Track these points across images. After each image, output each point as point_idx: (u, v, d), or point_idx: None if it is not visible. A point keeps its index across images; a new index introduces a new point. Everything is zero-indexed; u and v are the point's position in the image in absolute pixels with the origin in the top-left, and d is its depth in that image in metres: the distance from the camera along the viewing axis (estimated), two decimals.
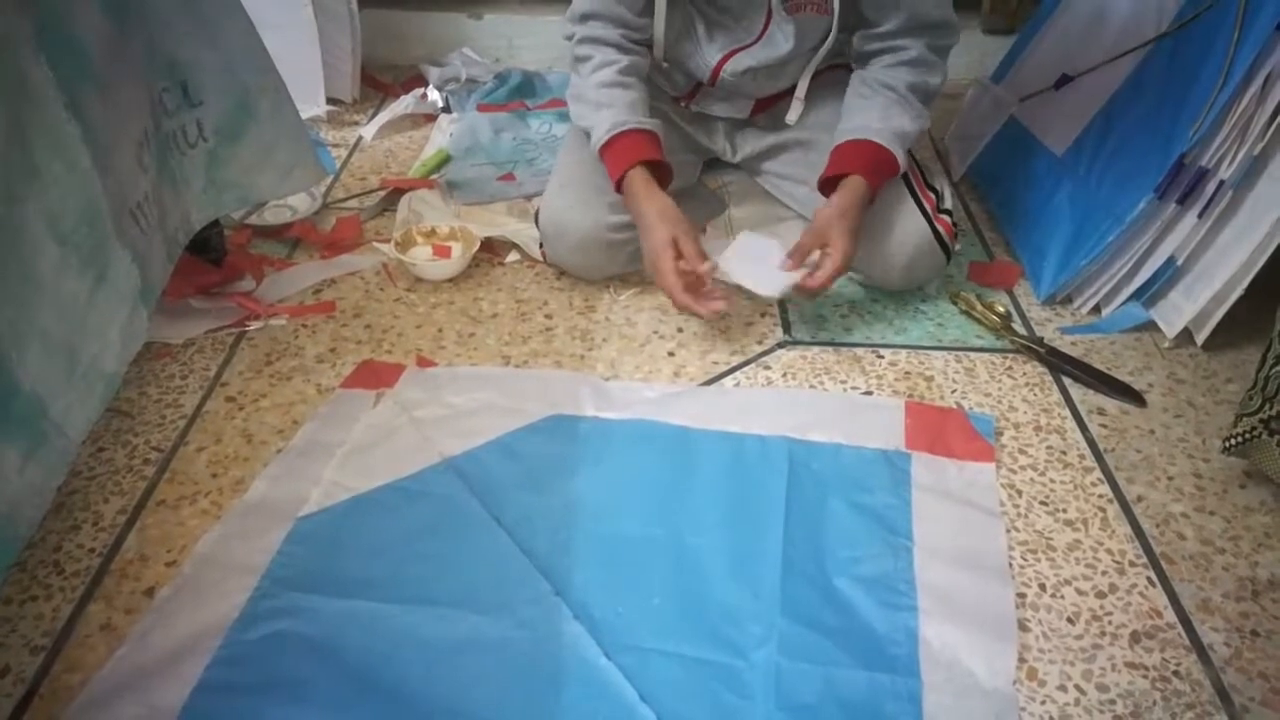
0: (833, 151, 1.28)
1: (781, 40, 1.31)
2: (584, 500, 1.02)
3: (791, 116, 1.41)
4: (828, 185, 1.27)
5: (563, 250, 1.38)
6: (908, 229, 1.31)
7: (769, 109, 1.47)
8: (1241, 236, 1.19)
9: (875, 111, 1.27)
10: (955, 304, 1.38)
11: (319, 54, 1.90)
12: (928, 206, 1.33)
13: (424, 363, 1.24)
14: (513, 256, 1.49)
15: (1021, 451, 1.12)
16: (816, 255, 1.24)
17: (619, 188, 1.29)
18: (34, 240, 0.85)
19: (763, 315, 1.36)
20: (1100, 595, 0.94)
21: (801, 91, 1.39)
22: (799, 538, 0.97)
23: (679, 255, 1.22)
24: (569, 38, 1.35)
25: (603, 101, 1.29)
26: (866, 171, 1.24)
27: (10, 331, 0.81)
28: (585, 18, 1.32)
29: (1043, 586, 0.94)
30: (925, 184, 1.36)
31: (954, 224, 1.35)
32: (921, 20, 1.26)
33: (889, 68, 1.29)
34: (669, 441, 1.10)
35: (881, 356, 1.28)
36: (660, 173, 1.29)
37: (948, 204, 1.37)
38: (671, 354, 1.28)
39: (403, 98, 2.03)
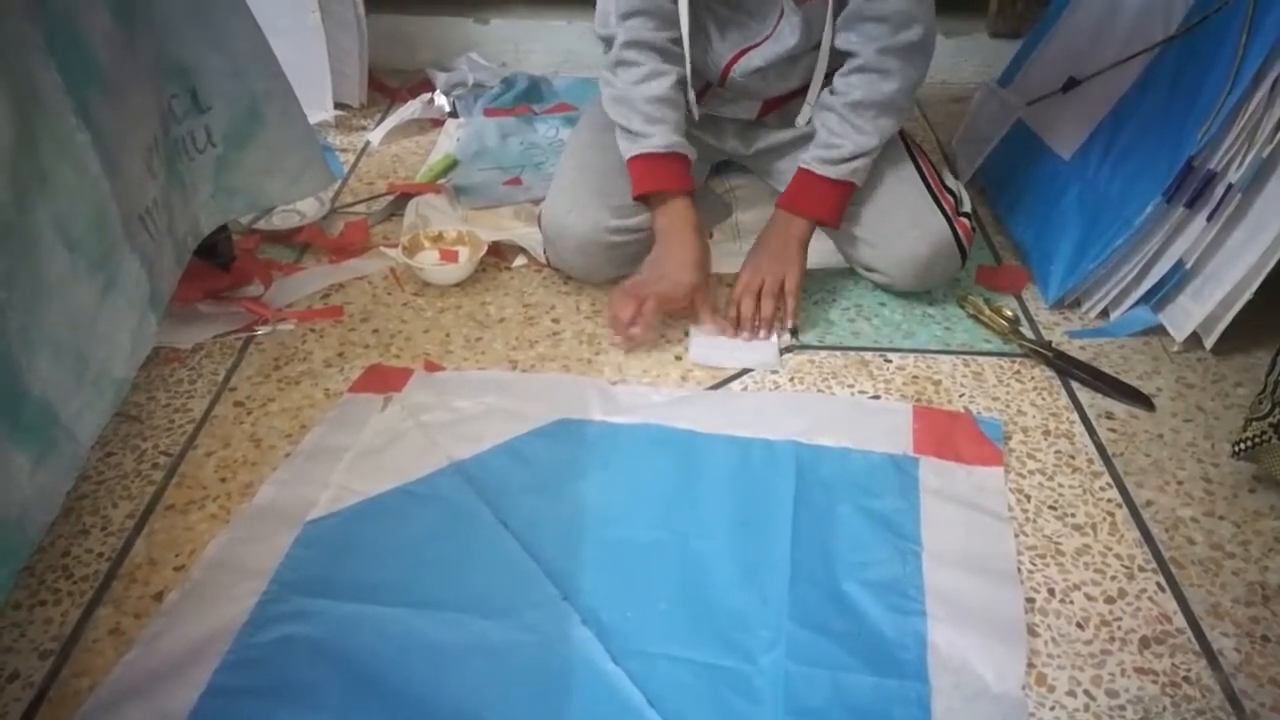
0: (790, 183, 1.35)
1: (789, 33, 1.30)
2: (591, 504, 1.02)
3: (803, 119, 1.41)
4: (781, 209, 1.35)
5: (564, 253, 1.39)
6: (929, 229, 1.31)
7: (777, 109, 1.47)
8: (1250, 239, 1.18)
9: (813, 142, 1.33)
10: (963, 308, 1.38)
11: (326, 59, 1.90)
12: (947, 208, 1.33)
13: (431, 367, 1.25)
14: (519, 261, 1.50)
15: (1030, 456, 1.11)
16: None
17: (646, 198, 1.32)
18: (44, 246, 0.85)
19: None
20: (1109, 600, 0.93)
21: (813, 96, 1.38)
22: (807, 542, 0.97)
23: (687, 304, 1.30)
24: (607, 39, 1.32)
25: (655, 116, 1.29)
26: (795, 206, 1.32)
27: (21, 337, 0.81)
28: (628, 15, 1.29)
29: (1052, 591, 0.94)
30: (942, 186, 1.36)
31: (972, 228, 1.36)
32: (876, 10, 1.23)
33: (842, 76, 1.30)
34: (676, 446, 1.10)
35: (889, 361, 1.27)
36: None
37: (967, 207, 1.37)
38: (679, 358, 1.28)
39: (410, 103, 2.03)
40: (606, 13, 1.32)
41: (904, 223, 1.32)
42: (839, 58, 1.35)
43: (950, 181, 1.39)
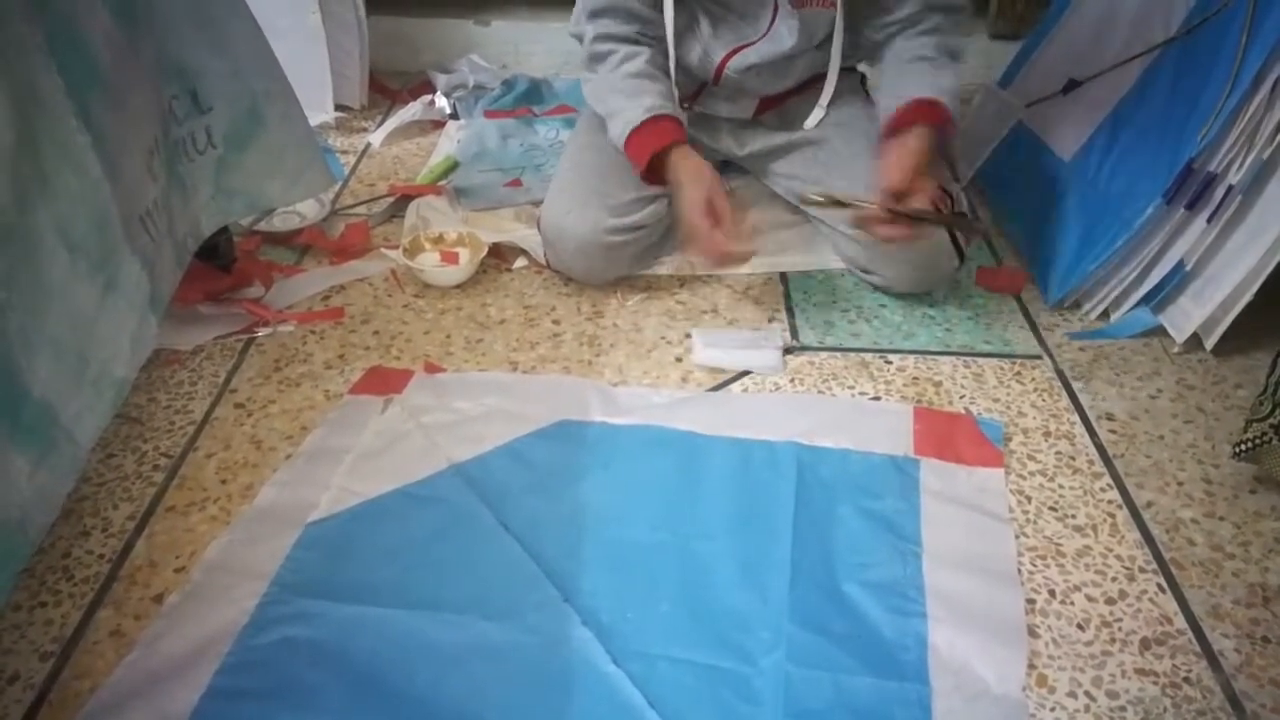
0: (891, 116, 1.28)
1: (786, 36, 1.31)
2: (592, 506, 1.02)
3: (811, 122, 1.41)
4: (891, 138, 1.27)
5: (564, 254, 1.39)
6: (924, 230, 1.31)
7: (775, 109, 1.47)
8: (1251, 241, 1.18)
9: (917, 78, 1.29)
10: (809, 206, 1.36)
11: (327, 61, 1.90)
12: (941, 209, 1.33)
13: (432, 369, 1.25)
14: (520, 262, 1.50)
15: (1030, 457, 1.11)
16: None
17: (651, 167, 1.30)
18: (45, 247, 0.85)
19: (770, 321, 1.35)
20: (1110, 601, 0.93)
21: (826, 98, 1.39)
22: (807, 543, 0.97)
23: (713, 216, 1.25)
24: (578, 36, 1.35)
25: (633, 90, 1.30)
26: (930, 123, 1.25)
27: (21, 338, 0.81)
28: (596, 14, 1.32)
29: (1052, 592, 0.94)
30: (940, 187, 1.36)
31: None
32: (934, 2, 1.28)
33: (912, 38, 1.31)
34: (677, 447, 1.10)
35: (890, 362, 1.27)
36: None
37: (962, 206, 1.37)
38: (679, 359, 1.28)
39: (410, 104, 2.04)
40: (580, 11, 1.34)
41: None
42: (845, 60, 1.35)
43: (946, 182, 1.39)
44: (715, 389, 1.22)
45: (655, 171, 1.32)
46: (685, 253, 1.32)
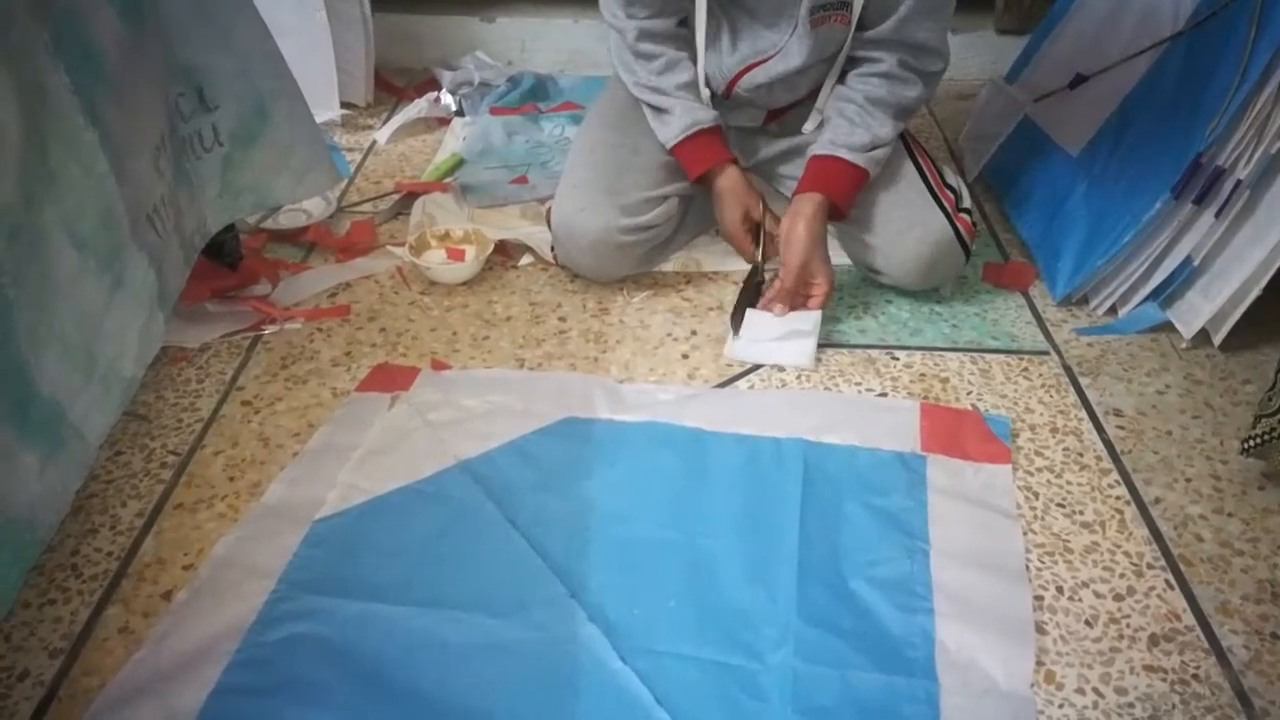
0: (804, 171, 1.33)
1: (796, 52, 1.30)
2: (599, 503, 1.02)
3: (809, 126, 1.41)
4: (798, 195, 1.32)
5: (575, 252, 1.39)
6: (929, 227, 1.31)
7: (779, 119, 1.47)
8: (1259, 236, 1.18)
9: (829, 131, 1.32)
10: None
11: (333, 58, 1.90)
12: (947, 205, 1.33)
13: (439, 366, 1.25)
14: (526, 259, 1.50)
15: (1038, 453, 1.11)
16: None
17: (703, 176, 1.37)
18: (52, 245, 0.85)
19: None
20: (1118, 598, 0.93)
21: (822, 102, 1.39)
22: (815, 540, 0.97)
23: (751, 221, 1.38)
24: (618, 30, 1.35)
25: (689, 98, 1.35)
26: (816, 187, 1.29)
27: (29, 336, 0.81)
28: (632, 2, 1.32)
29: (1060, 589, 0.94)
30: (943, 183, 1.36)
31: (973, 223, 1.35)
32: (906, 38, 1.28)
33: (860, 78, 1.32)
34: (683, 444, 1.10)
35: (896, 358, 1.27)
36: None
37: (966, 203, 1.37)
38: (685, 356, 1.28)
39: (416, 101, 2.04)
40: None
41: (905, 223, 1.32)
42: (850, 64, 1.35)
43: (950, 178, 1.39)
44: (721, 385, 1.22)
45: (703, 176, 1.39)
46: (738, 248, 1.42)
